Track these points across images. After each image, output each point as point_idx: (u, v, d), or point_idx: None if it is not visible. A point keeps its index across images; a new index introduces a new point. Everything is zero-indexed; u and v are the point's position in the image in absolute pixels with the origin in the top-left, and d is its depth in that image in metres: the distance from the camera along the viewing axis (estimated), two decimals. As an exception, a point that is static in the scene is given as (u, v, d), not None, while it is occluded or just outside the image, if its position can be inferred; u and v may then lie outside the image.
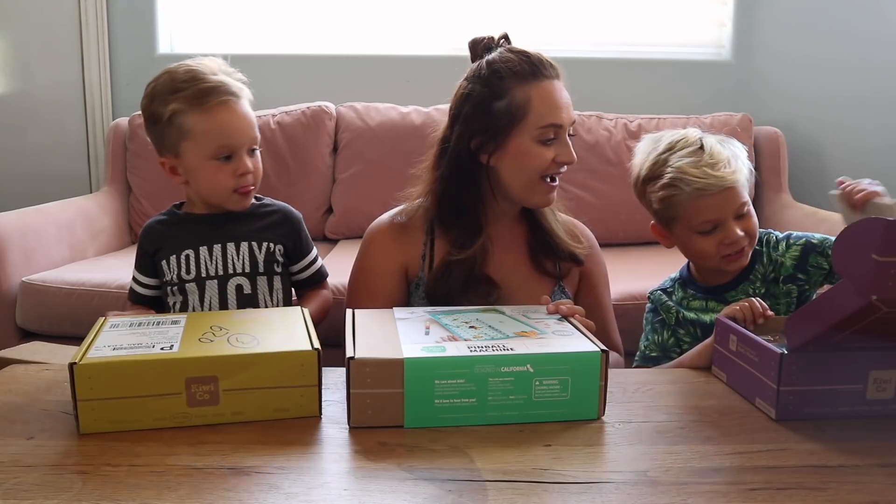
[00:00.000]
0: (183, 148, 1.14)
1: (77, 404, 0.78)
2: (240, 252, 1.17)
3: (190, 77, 1.13)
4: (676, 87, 2.76)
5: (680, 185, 1.10)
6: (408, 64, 2.65)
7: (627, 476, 0.70)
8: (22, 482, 0.67)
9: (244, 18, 2.66)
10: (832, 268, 1.12)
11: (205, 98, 1.12)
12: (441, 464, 0.72)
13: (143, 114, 1.18)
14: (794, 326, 0.81)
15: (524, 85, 1.11)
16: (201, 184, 1.16)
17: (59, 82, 2.65)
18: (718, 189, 1.09)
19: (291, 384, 0.82)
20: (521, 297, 1.13)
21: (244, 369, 0.80)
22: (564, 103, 1.14)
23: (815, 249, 1.14)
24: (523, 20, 2.66)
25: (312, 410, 0.83)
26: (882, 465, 0.73)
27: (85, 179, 2.70)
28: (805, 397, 0.83)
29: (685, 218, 1.12)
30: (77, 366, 0.77)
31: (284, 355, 0.82)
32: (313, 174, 2.42)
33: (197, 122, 1.12)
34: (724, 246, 1.11)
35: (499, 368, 0.79)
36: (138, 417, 0.79)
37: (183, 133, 1.13)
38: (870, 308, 0.70)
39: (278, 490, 0.67)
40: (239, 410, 0.81)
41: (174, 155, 1.16)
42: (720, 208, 1.10)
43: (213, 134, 1.13)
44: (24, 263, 1.94)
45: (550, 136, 1.12)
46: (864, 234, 0.69)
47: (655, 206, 1.15)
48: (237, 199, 1.17)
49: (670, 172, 1.11)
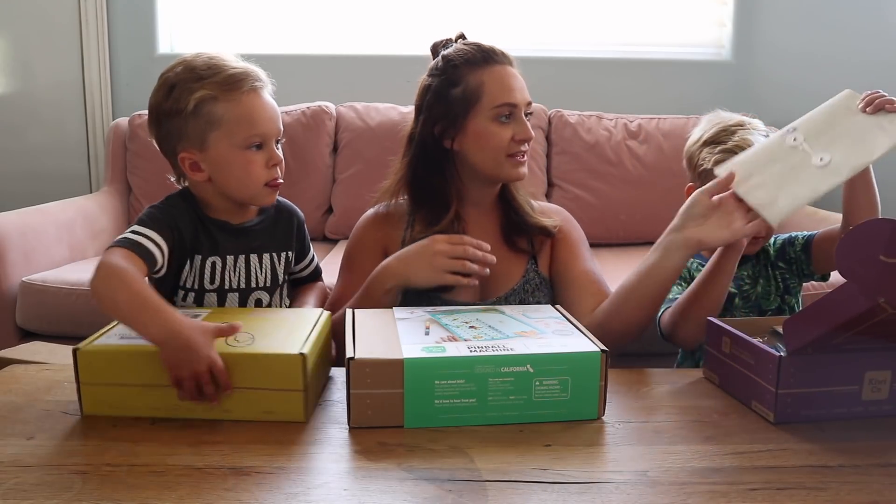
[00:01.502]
0: (212, 139, 1.05)
1: (80, 387, 0.83)
2: (262, 265, 1.12)
3: (213, 65, 1.06)
4: (676, 87, 2.76)
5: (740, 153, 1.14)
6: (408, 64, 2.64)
7: (627, 476, 0.70)
8: (22, 482, 0.67)
9: (244, 18, 2.66)
10: (804, 262, 1.22)
11: (235, 84, 1.05)
12: (441, 464, 0.72)
13: (155, 108, 1.09)
14: (793, 328, 0.81)
15: (477, 70, 1.17)
16: (232, 176, 1.06)
17: (59, 82, 2.65)
18: None
19: (276, 387, 0.81)
20: (494, 277, 1.16)
21: (231, 368, 0.80)
22: (517, 85, 1.18)
23: (791, 242, 1.24)
24: (523, 20, 2.66)
25: (297, 415, 0.82)
26: (882, 465, 0.73)
27: (85, 179, 2.70)
28: (802, 399, 0.83)
29: None
30: (80, 351, 0.83)
31: (269, 357, 0.82)
32: (313, 174, 2.42)
33: (228, 109, 1.04)
34: None
35: (499, 368, 0.79)
36: (135, 405, 0.82)
37: (211, 122, 1.04)
38: (875, 310, 0.70)
39: (278, 490, 0.67)
40: (227, 409, 0.82)
41: (199, 148, 1.06)
42: None
43: (246, 121, 1.05)
44: (24, 263, 1.94)
45: (506, 115, 1.16)
46: (870, 234, 0.69)
47: (706, 167, 1.19)
48: (267, 193, 1.09)
49: (735, 140, 1.18)
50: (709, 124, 1.25)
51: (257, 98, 1.07)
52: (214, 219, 1.11)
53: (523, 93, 1.18)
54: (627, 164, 2.46)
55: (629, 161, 2.46)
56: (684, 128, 2.53)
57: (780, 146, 1.02)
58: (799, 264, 1.22)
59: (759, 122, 1.24)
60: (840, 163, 0.98)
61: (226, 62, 1.07)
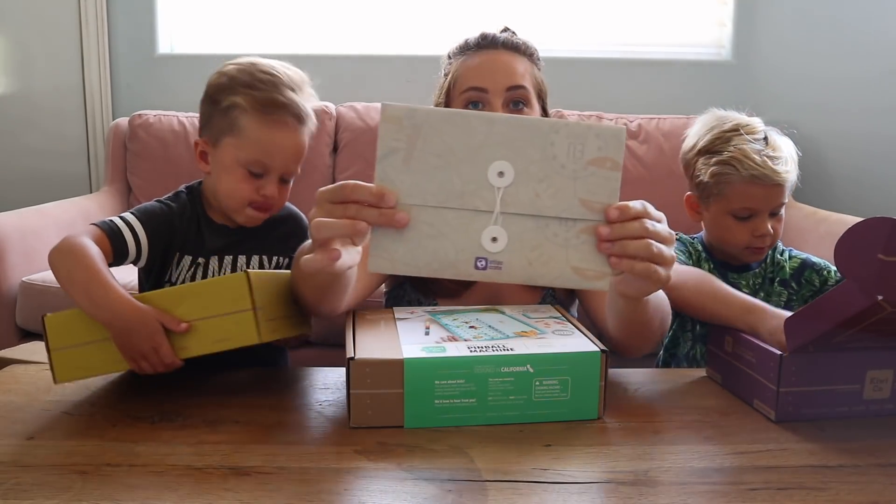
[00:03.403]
0: (225, 141, 1.06)
1: (51, 355, 0.87)
2: (250, 266, 1.12)
3: (269, 81, 1.06)
4: (676, 87, 2.76)
5: (738, 166, 1.12)
6: (408, 64, 2.65)
7: (627, 476, 0.70)
8: (22, 482, 0.67)
9: (244, 18, 2.66)
10: (821, 287, 1.19)
11: (271, 110, 1.05)
12: (441, 464, 0.72)
13: (207, 86, 1.10)
14: (794, 327, 0.81)
15: (461, 57, 1.12)
16: (221, 185, 1.08)
17: (59, 83, 2.65)
18: (770, 182, 1.12)
19: (226, 311, 0.83)
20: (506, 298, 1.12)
21: (179, 303, 0.84)
22: (494, 68, 1.08)
23: (812, 267, 1.20)
24: (524, 20, 2.66)
25: (251, 337, 0.82)
26: (882, 465, 0.73)
27: (85, 179, 2.70)
28: (804, 398, 0.83)
29: (728, 198, 1.15)
30: (48, 317, 0.88)
31: (213, 283, 0.86)
32: (313, 174, 2.42)
33: (251, 125, 1.05)
34: (754, 237, 1.15)
35: (499, 369, 0.79)
36: (103, 361, 0.86)
37: (232, 127, 1.05)
38: (875, 308, 0.70)
39: (278, 490, 0.67)
40: (183, 346, 0.84)
41: (212, 143, 1.08)
42: (764, 200, 1.13)
43: (258, 146, 1.05)
44: (24, 263, 1.94)
45: (474, 101, 1.08)
46: (870, 233, 0.69)
47: (703, 179, 1.17)
48: (249, 214, 1.09)
49: (732, 152, 1.13)
50: (704, 127, 1.21)
51: (284, 132, 1.06)
52: (214, 221, 1.11)
53: (502, 76, 1.07)
54: (627, 164, 2.46)
55: (629, 161, 2.46)
56: (684, 128, 2.51)
57: None
58: (818, 294, 1.17)
59: (757, 119, 1.20)
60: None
61: (282, 85, 1.06)
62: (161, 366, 0.85)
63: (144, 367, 0.85)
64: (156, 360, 0.85)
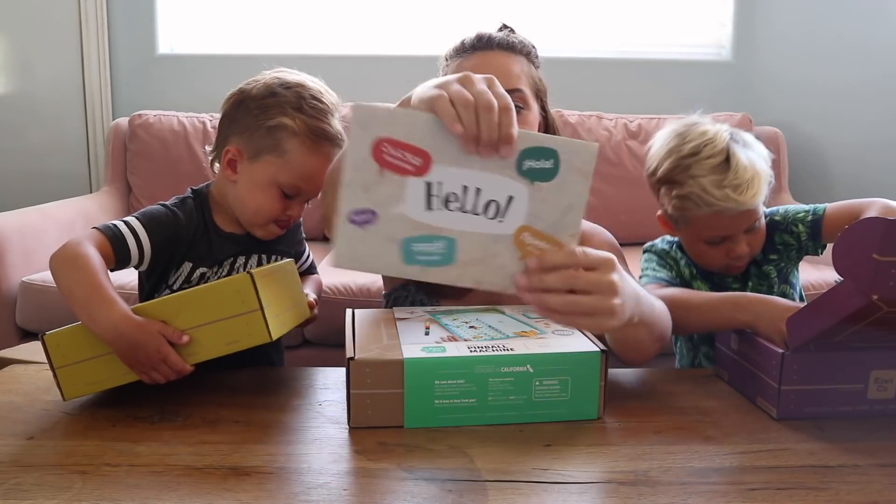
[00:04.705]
0: (265, 159, 1.05)
1: (56, 373, 0.85)
2: (248, 265, 1.11)
3: (319, 109, 1.06)
4: (676, 87, 2.76)
5: (699, 202, 1.07)
6: (408, 64, 2.65)
7: (627, 476, 0.70)
8: (22, 482, 0.67)
9: (244, 18, 2.66)
10: (801, 239, 1.15)
11: (321, 139, 1.05)
12: (441, 464, 0.72)
13: (245, 95, 1.08)
14: (794, 326, 0.81)
15: (457, 60, 1.10)
16: (251, 200, 1.06)
17: (59, 82, 2.65)
18: (737, 212, 1.07)
19: (234, 314, 0.83)
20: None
21: (186, 308, 0.84)
22: (487, 69, 1.02)
23: (777, 227, 1.16)
24: (524, 20, 2.65)
25: (262, 337, 0.83)
26: (882, 465, 0.73)
27: (85, 179, 2.70)
28: (806, 397, 0.83)
29: (697, 227, 1.12)
30: (47, 336, 0.87)
31: (218, 285, 0.84)
32: (313, 174, 2.42)
33: (297, 150, 1.04)
34: (731, 258, 1.12)
35: (499, 369, 0.79)
36: (110, 374, 0.85)
37: (276, 148, 1.04)
38: (870, 308, 0.70)
39: (278, 490, 0.67)
40: (193, 351, 0.84)
41: (249, 156, 1.06)
42: (733, 226, 1.10)
43: (300, 172, 1.05)
44: (24, 263, 1.94)
45: None
46: (865, 233, 0.69)
47: (667, 208, 1.14)
48: (271, 230, 1.09)
49: (691, 186, 1.07)
50: (663, 148, 1.13)
51: (324, 161, 1.06)
52: (222, 229, 1.10)
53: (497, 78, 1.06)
54: (627, 164, 2.46)
55: (629, 161, 2.46)
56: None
57: None
58: (801, 248, 1.15)
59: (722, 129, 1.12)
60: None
61: (328, 114, 1.07)
62: (172, 374, 0.85)
63: (156, 377, 0.85)
64: (166, 370, 0.84)
